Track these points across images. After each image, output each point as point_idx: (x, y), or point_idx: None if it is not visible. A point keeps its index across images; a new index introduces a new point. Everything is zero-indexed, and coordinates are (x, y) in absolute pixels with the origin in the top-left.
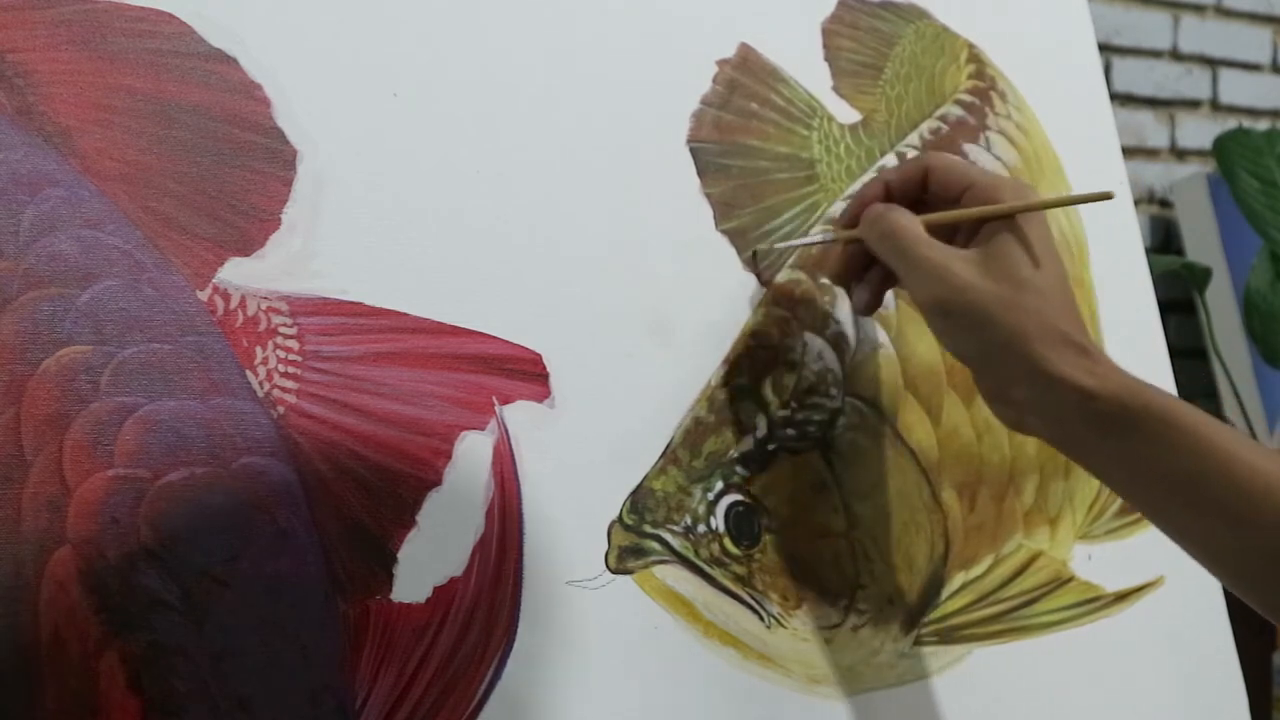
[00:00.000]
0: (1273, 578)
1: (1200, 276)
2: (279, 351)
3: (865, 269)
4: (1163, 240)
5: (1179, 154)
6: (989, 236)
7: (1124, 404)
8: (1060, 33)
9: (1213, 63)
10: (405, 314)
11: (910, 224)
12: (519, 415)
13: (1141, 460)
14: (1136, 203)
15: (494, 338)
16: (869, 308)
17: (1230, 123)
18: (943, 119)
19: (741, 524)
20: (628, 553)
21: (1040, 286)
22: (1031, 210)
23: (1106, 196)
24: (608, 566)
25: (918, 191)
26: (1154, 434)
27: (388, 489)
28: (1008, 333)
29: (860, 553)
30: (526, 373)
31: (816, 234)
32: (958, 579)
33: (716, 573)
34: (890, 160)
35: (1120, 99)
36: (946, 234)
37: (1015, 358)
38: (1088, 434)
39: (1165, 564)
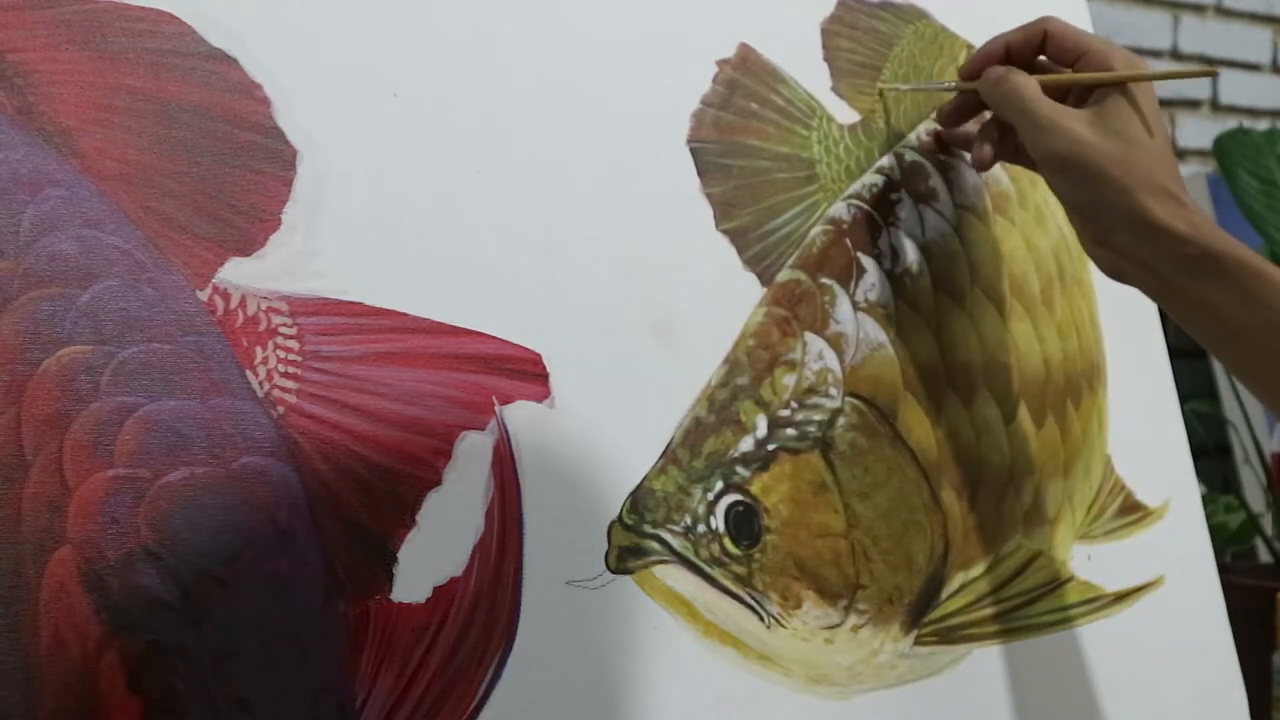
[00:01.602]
0: None
1: None
2: (279, 351)
3: (970, 118)
4: None
5: (1179, 154)
6: (1102, 99)
7: (1213, 250)
8: None
9: (1212, 63)
10: (405, 314)
11: (1030, 84)
12: (519, 415)
13: (1226, 306)
14: None
15: (494, 338)
16: (986, 163)
17: (1230, 123)
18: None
19: (741, 524)
20: (628, 553)
21: (1147, 145)
22: (1141, 80)
23: (1211, 73)
24: (608, 566)
25: (1034, 53)
26: (1239, 281)
27: (388, 489)
28: (1118, 185)
29: (860, 553)
30: (526, 373)
31: (940, 83)
32: (957, 579)
33: (716, 573)
34: (889, 161)
35: None
36: (1058, 96)
37: (1122, 209)
38: (1179, 277)
39: (1165, 564)
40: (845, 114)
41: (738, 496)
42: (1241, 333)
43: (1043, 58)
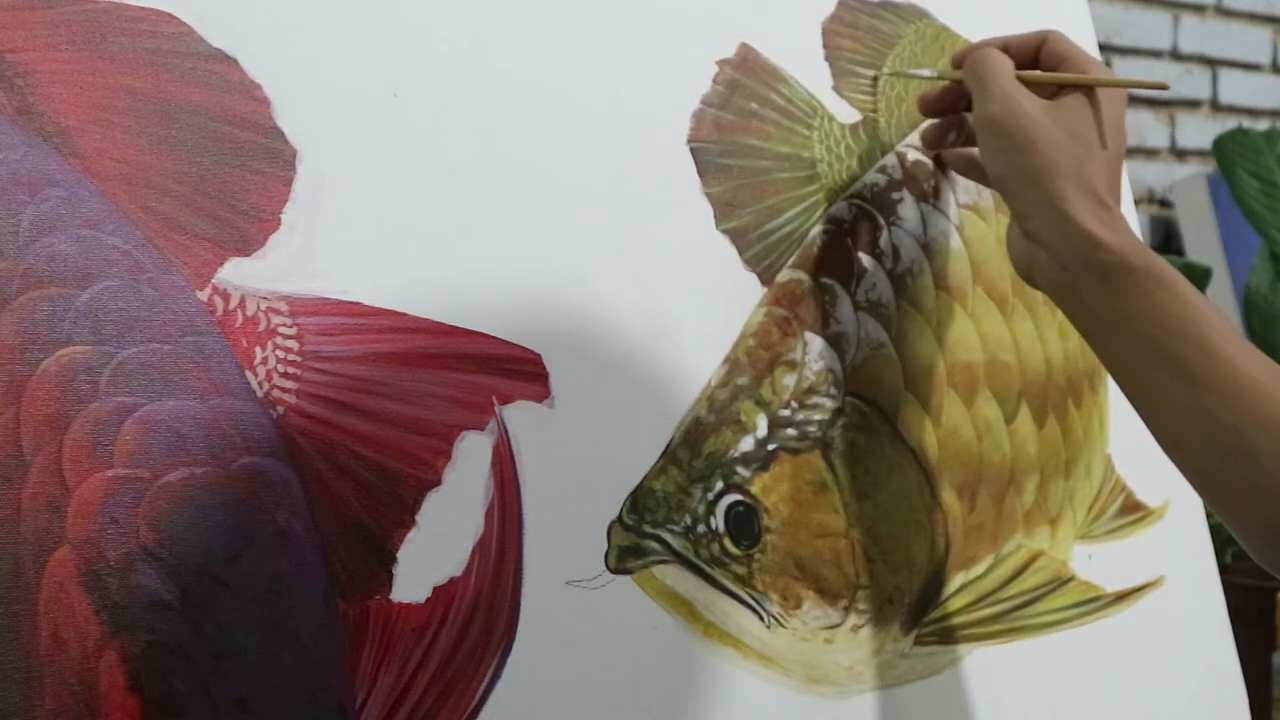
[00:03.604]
0: (1218, 448)
1: (1200, 276)
2: (279, 351)
3: (951, 110)
4: (1163, 240)
5: (1179, 154)
6: (1065, 94)
7: (1126, 257)
8: None
9: (1212, 63)
10: (405, 314)
11: (1002, 61)
12: (519, 415)
13: (1129, 313)
14: (1136, 203)
15: (494, 338)
16: (936, 144)
17: (1230, 123)
18: None
19: (741, 524)
20: (628, 553)
21: (1091, 143)
22: (1105, 85)
23: (1162, 86)
24: (608, 566)
25: (1030, 58)
26: (1146, 291)
27: (388, 489)
28: (1042, 163)
29: (860, 553)
30: (526, 373)
31: (934, 70)
32: (958, 579)
33: (716, 573)
34: (890, 160)
35: None
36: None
37: (1041, 189)
38: (1086, 280)
39: (1165, 564)
40: (846, 114)
41: (738, 496)
42: (1140, 340)
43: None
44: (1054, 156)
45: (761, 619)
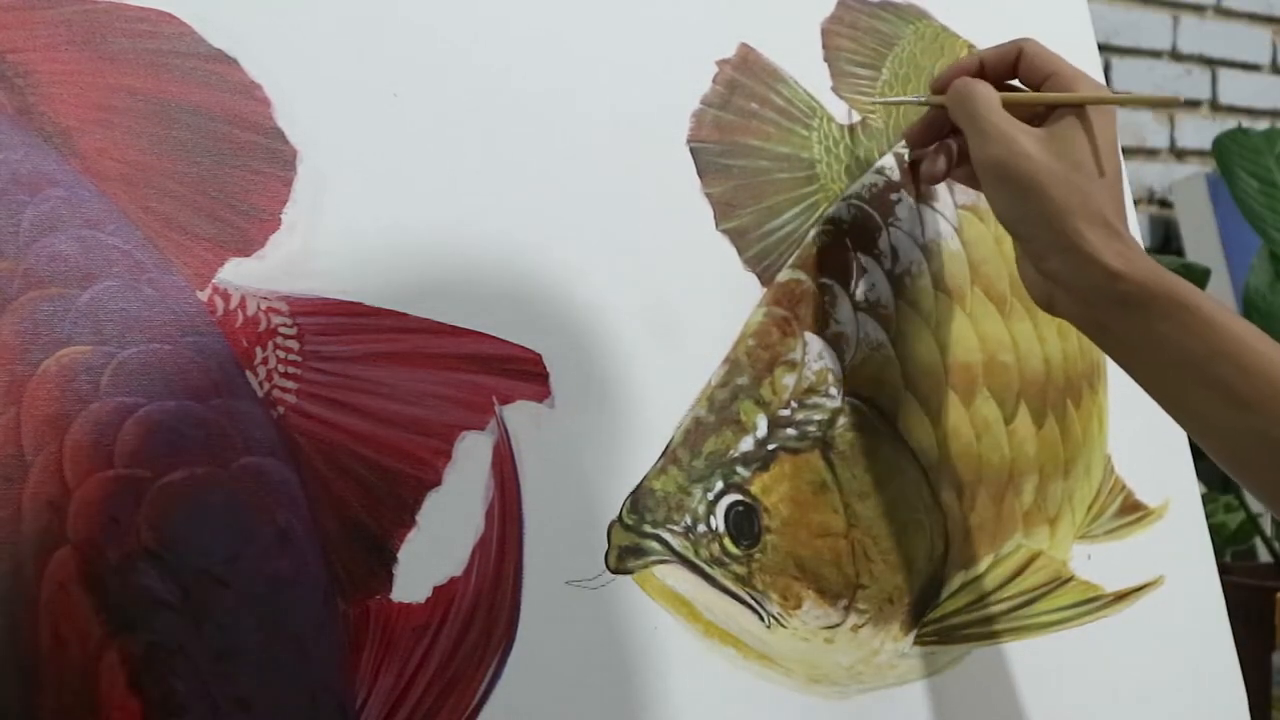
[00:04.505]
0: (1273, 463)
1: (1200, 276)
2: (279, 351)
3: (939, 137)
4: (1162, 240)
5: (1178, 154)
6: (1057, 119)
7: (1147, 287)
8: (1060, 33)
9: (1212, 63)
10: (405, 314)
11: (988, 94)
12: (519, 415)
13: (1157, 340)
14: (1136, 203)
15: (494, 338)
16: (937, 177)
17: (1230, 123)
18: None
19: (741, 524)
20: (628, 552)
21: (1092, 171)
22: (1099, 103)
23: (1175, 102)
24: (608, 566)
25: (1008, 72)
26: (1172, 316)
27: (388, 489)
28: (1053, 205)
29: (860, 553)
30: (526, 373)
31: (910, 96)
32: (957, 579)
33: (716, 573)
34: (888, 161)
35: None
36: (1024, 119)
37: (1055, 230)
38: (1110, 311)
39: (1165, 564)
40: (845, 114)
41: (738, 496)
42: (1176, 365)
43: (1016, 81)
44: (1064, 197)
45: (761, 619)
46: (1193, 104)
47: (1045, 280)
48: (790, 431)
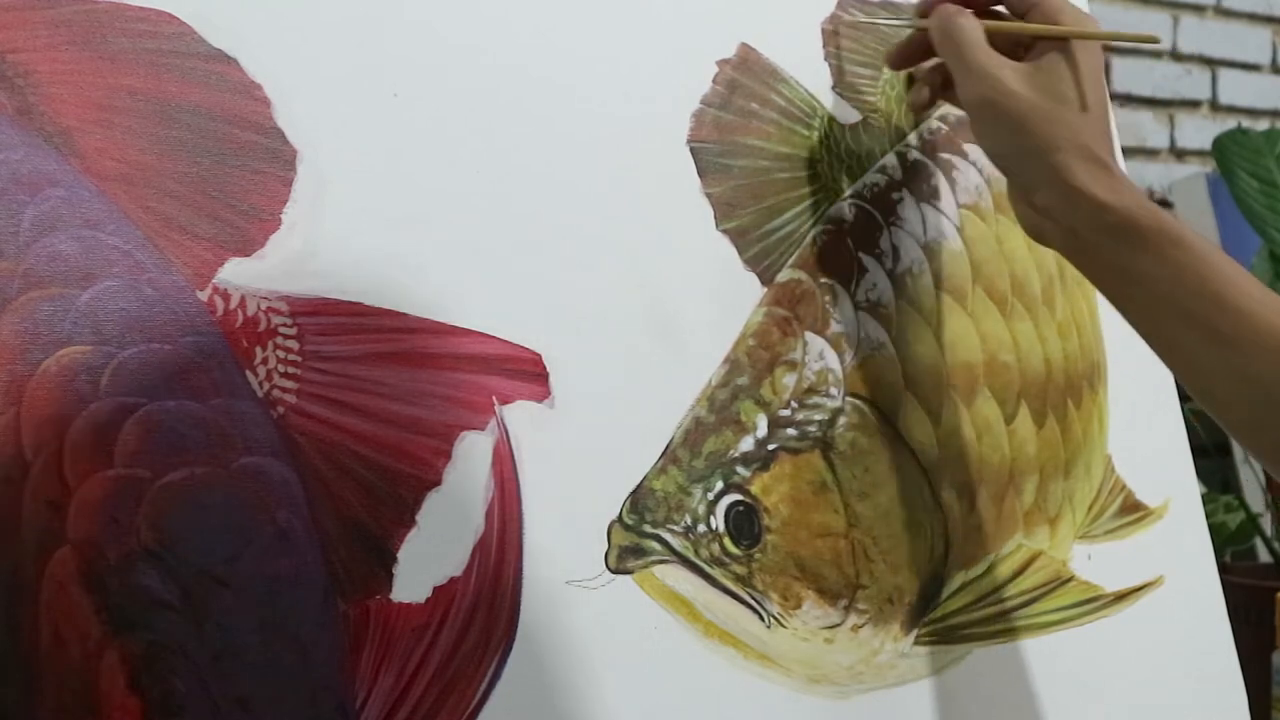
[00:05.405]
0: (1248, 399)
1: None
2: (279, 351)
3: (921, 60)
4: None
5: (1178, 154)
6: (1042, 53)
7: (1135, 219)
8: None
9: (1212, 63)
10: (405, 314)
11: (973, 29)
12: (519, 415)
13: (1144, 274)
14: None
15: (494, 338)
16: (923, 103)
17: (1230, 123)
18: (942, 119)
19: (741, 524)
20: (628, 552)
21: (1077, 105)
22: (1083, 39)
23: (1153, 39)
24: (608, 566)
25: None
26: (1159, 250)
27: (388, 489)
28: (1039, 140)
29: (860, 553)
30: (526, 373)
31: (893, 20)
32: (958, 579)
33: (716, 573)
34: (890, 161)
35: (1120, 99)
36: (1008, 47)
37: (1042, 164)
38: (1098, 243)
39: (1165, 564)
40: (846, 114)
41: (738, 496)
42: (1162, 300)
43: (1000, 7)
44: (1049, 131)
45: (762, 619)
46: (1193, 104)
47: (1035, 213)
48: (790, 431)
